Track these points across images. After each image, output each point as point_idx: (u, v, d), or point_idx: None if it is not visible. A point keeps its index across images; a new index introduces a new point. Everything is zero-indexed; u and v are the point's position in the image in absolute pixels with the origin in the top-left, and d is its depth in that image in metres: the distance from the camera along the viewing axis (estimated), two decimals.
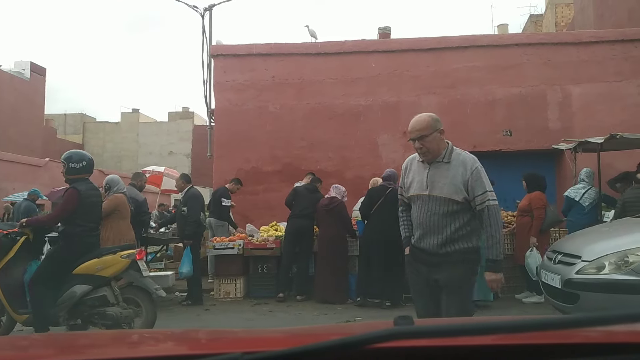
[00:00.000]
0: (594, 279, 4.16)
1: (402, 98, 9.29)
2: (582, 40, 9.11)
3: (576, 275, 4.27)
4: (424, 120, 2.99)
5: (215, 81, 9.63)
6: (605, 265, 4.12)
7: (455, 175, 2.84)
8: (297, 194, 6.96)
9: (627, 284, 3.99)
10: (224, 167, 9.33)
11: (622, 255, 4.09)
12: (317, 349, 0.75)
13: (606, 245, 4.31)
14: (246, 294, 6.98)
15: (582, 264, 4.27)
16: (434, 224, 2.84)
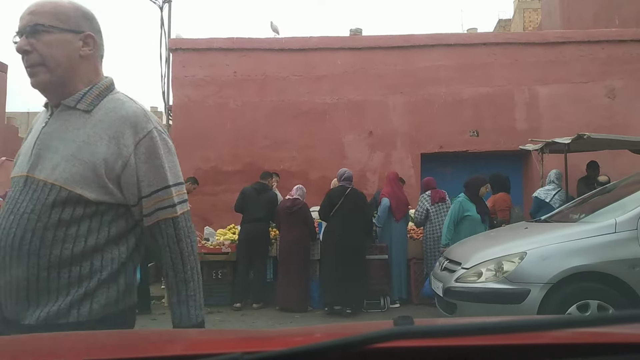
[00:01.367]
0: (470, 287, 3.93)
1: (369, 97, 9.02)
2: (549, 40, 9.01)
3: (455, 284, 4.05)
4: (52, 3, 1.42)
5: (173, 76, 9.17)
6: (483, 273, 3.89)
7: (96, 142, 1.38)
8: (245, 197, 6.57)
9: (501, 293, 3.78)
10: (182, 166, 8.27)
11: (498, 262, 3.87)
12: (317, 349, 0.75)
13: (487, 252, 4.07)
14: None
15: (462, 271, 4.05)
16: (16, 246, 1.34)
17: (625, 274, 3.65)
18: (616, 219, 3.83)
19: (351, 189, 5.98)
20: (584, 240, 3.83)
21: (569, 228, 4.18)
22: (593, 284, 3.74)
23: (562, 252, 3.81)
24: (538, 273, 3.74)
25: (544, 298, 3.64)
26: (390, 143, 9.00)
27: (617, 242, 3.75)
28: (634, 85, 8.69)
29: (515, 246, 3.99)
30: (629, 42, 8.78)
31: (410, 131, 8.98)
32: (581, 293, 3.69)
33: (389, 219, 6.38)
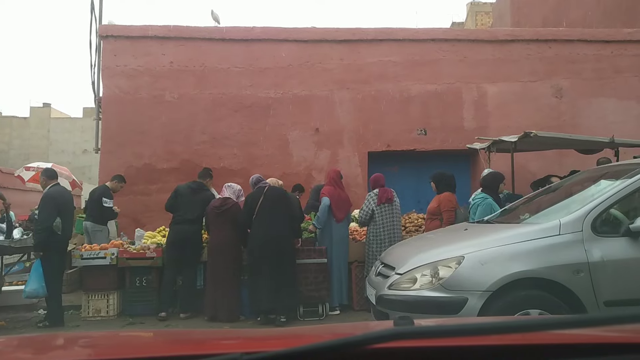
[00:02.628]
0: (403, 295, 3.54)
1: (314, 92, 8.61)
2: (498, 38, 8.86)
3: (387, 291, 3.65)
4: None
5: (103, 66, 8.47)
6: (417, 279, 3.51)
7: None
8: (179, 196, 6.01)
9: (435, 302, 3.39)
10: (112, 163, 8.19)
11: (434, 267, 3.49)
12: (318, 349, 0.75)
13: (423, 256, 3.69)
14: (121, 311, 5.94)
15: (395, 277, 3.66)
16: None
17: (570, 281, 3.34)
18: (560, 220, 3.53)
19: (269, 188, 5.54)
20: (526, 243, 3.50)
21: (511, 230, 3.87)
22: (536, 291, 3.40)
23: (503, 256, 3.46)
24: (476, 280, 3.38)
25: (482, 307, 3.27)
26: (337, 141, 8.62)
27: (561, 245, 3.44)
28: (580, 84, 8.65)
29: (453, 250, 3.63)
30: (576, 42, 8.74)
31: (358, 128, 8.62)
32: (523, 301, 3.34)
33: (329, 219, 5.96)
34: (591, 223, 3.45)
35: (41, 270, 5.23)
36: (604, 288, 3.34)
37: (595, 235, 3.43)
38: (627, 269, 3.41)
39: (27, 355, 1.12)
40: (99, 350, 1.16)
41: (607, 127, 7.39)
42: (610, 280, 3.37)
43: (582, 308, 3.29)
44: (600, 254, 3.37)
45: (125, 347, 1.18)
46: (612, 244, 3.45)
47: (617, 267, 3.40)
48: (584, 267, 3.35)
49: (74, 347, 1.22)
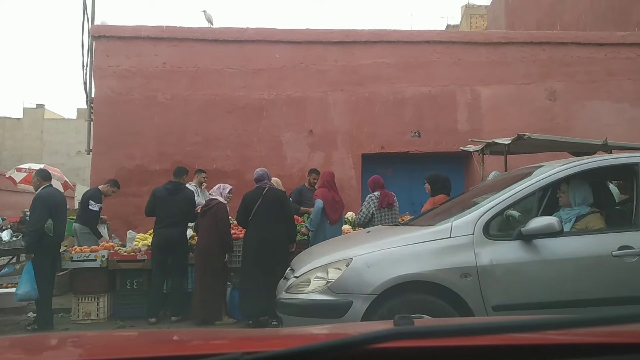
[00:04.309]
0: (294, 299, 3.47)
1: (308, 93, 8.57)
2: (492, 40, 8.86)
3: (284, 294, 3.59)
4: None
5: (96, 66, 8.41)
6: (311, 282, 3.44)
7: None
8: (156, 199, 5.94)
9: (321, 306, 3.31)
10: (104, 165, 8.13)
11: (325, 270, 3.43)
12: (317, 349, 0.75)
13: (321, 258, 3.62)
14: (111, 314, 5.87)
15: (292, 279, 3.60)
16: None
17: (457, 284, 3.25)
18: (452, 223, 3.46)
19: (268, 190, 5.47)
20: (415, 246, 3.42)
21: (407, 232, 3.79)
22: (422, 295, 3.32)
23: (391, 258, 3.37)
24: (361, 283, 3.29)
25: (366, 311, 3.18)
26: (331, 142, 8.59)
27: (451, 247, 3.36)
28: (574, 87, 8.65)
29: (347, 252, 3.55)
30: (570, 45, 8.75)
31: (351, 130, 8.59)
32: (408, 305, 3.23)
33: (322, 221, 5.92)
34: (483, 226, 3.39)
35: (33, 273, 5.16)
36: (492, 292, 3.27)
37: (486, 238, 3.37)
38: (517, 273, 3.35)
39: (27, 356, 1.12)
40: (99, 350, 1.16)
41: (600, 130, 7.38)
42: (499, 284, 3.30)
43: (470, 312, 3.21)
44: (490, 257, 3.31)
45: (125, 347, 1.18)
46: (503, 247, 3.39)
47: (507, 271, 3.34)
48: (472, 271, 3.28)
49: (73, 347, 1.21)
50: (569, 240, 3.58)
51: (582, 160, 3.90)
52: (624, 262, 3.38)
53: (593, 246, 3.50)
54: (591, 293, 3.33)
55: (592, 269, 3.42)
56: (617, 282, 3.40)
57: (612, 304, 3.28)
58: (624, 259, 3.38)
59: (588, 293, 3.33)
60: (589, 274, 3.41)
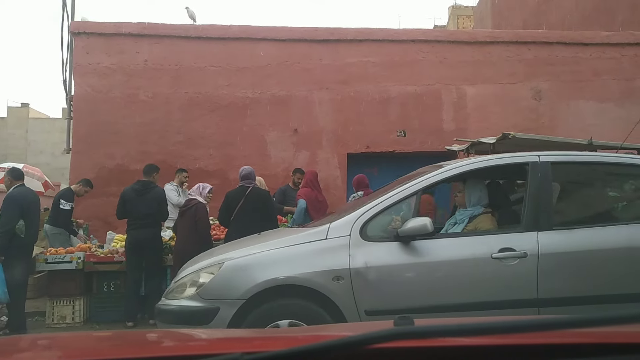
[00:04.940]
0: (167, 305, 3.33)
1: (293, 92, 8.46)
2: (478, 39, 8.82)
3: (163, 300, 3.44)
4: None
5: (75, 63, 8.22)
6: (187, 287, 3.29)
7: None
8: (126, 201, 5.80)
9: (188, 312, 3.17)
10: (83, 164, 7.95)
11: (198, 274, 3.29)
12: (318, 349, 0.75)
13: (201, 262, 3.47)
14: (88, 318, 5.72)
15: (172, 284, 3.48)
16: None
17: (328, 288, 3.14)
18: (330, 224, 3.35)
19: (252, 189, 5.35)
20: (291, 248, 3.30)
21: (288, 234, 3.70)
22: (295, 300, 3.20)
23: (265, 261, 3.24)
24: (229, 287, 3.16)
25: (233, 318, 3.06)
26: (316, 142, 8.48)
27: (325, 250, 3.24)
28: (559, 87, 8.64)
29: (224, 255, 3.43)
30: (555, 45, 8.74)
31: (337, 130, 8.50)
32: (279, 311, 3.13)
33: (305, 221, 5.80)
34: (360, 227, 3.27)
35: (3, 276, 4.98)
36: (365, 296, 3.16)
37: (363, 240, 3.25)
38: (392, 276, 3.24)
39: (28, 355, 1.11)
40: (98, 350, 1.15)
41: (585, 130, 7.36)
42: (373, 287, 3.19)
43: (342, 318, 3.09)
44: (365, 259, 3.19)
45: (125, 347, 1.18)
46: (380, 249, 3.29)
47: (382, 273, 3.22)
48: (345, 274, 3.15)
49: (73, 347, 1.20)
50: (450, 242, 3.50)
51: (472, 160, 3.80)
52: (503, 264, 3.25)
53: (473, 248, 3.39)
54: (469, 297, 3.22)
55: (470, 272, 3.31)
56: (497, 285, 3.28)
57: (492, 308, 3.15)
58: (503, 262, 3.26)
59: (466, 297, 3.22)
60: (467, 277, 3.30)
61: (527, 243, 3.31)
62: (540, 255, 3.28)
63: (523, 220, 3.46)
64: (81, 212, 7.54)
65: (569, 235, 3.46)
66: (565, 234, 3.46)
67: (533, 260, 3.27)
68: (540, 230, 3.36)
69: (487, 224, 3.71)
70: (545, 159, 3.58)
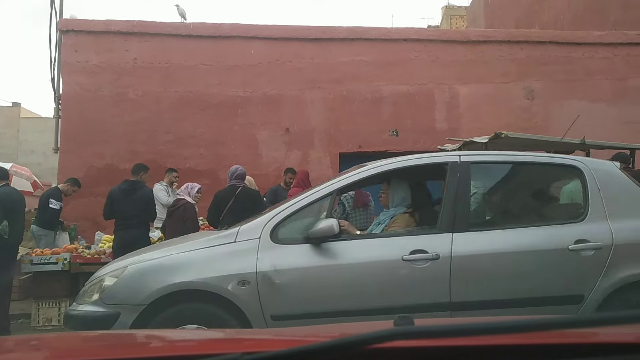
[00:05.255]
0: (74, 310, 3.22)
1: (285, 91, 8.39)
2: (470, 39, 8.79)
3: (73, 305, 3.34)
4: None
5: (63, 61, 8.12)
6: (94, 291, 3.19)
7: None
8: (113, 201, 5.71)
9: (90, 318, 3.06)
10: (72, 163, 7.84)
11: (103, 278, 3.19)
12: (318, 349, 0.75)
13: (112, 265, 3.39)
14: None
15: (83, 288, 3.37)
16: None
17: (233, 292, 3.05)
18: (240, 227, 3.28)
19: (242, 189, 5.28)
20: (199, 252, 3.20)
21: (202, 237, 3.62)
22: (200, 304, 3.10)
23: (169, 266, 3.14)
24: (131, 292, 3.06)
25: (134, 323, 2.96)
26: (308, 141, 8.41)
27: (233, 253, 3.17)
28: (552, 86, 8.62)
29: (131, 258, 3.34)
30: (547, 44, 8.72)
31: (329, 129, 8.44)
32: (183, 316, 3.03)
33: None
34: (271, 230, 3.19)
35: None
36: (271, 300, 3.08)
37: (273, 242, 3.17)
38: (302, 279, 3.16)
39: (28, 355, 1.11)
40: (99, 350, 1.15)
41: (578, 129, 7.32)
42: (280, 291, 3.11)
43: (247, 323, 3.02)
44: (273, 262, 3.11)
45: (125, 347, 1.18)
46: (290, 252, 3.19)
47: (290, 277, 3.14)
48: (252, 277, 3.06)
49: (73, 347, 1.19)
50: (362, 244, 3.41)
51: (392, 160, 3.68)
52: (414, 267, 3.16)
53: (385, 250, 3.29)
54: (380, 301, 3.12)
55: (381, 275, 3.21)
56: (408, 288, 3.19)
57: (403, 312, 3.04)
58: (414, 264, 3.16)
59: (376, 301, 3.12)
60: (378, 280, 3.20)
61: (441, 245, 3.20)
62: (453, 257, 3.17)
63: (439, 221, 3.37)
64: (69, 212, 7.43)
65: (486, 236, 3.38)
66: (481, 236, 3.38)
67: (445, 263, 3.16)
68: (456, 232, 3.26)
69: (404, 225, 3.61)
70: (465, 159, 3.51)
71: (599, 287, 3.23)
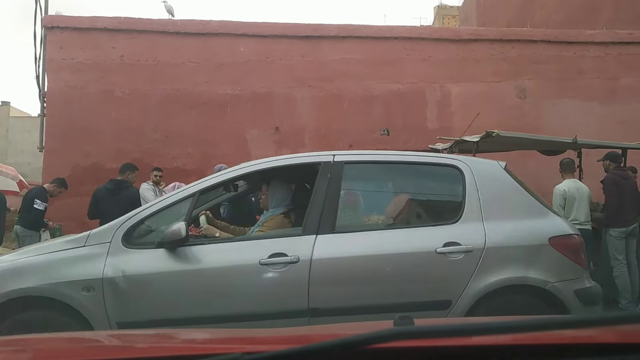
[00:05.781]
0: None
1: (274, 89, 8.28)
2: (462, 37, 8.72)
3: None
4: None
5: (48, 58, 7.95)
6: None
7: None
8: (98, 201, 5.59)
9: None
10: (57, 162, 7.69)
11: None
12: (318, 349, 0.75)
13: None
14: None
15: None
16: None
17: (76, 299, 2.89)
18: (91, 231, 3.15)
19: None
20: (47, 256, 3.06)
21: (53, 241, 3.49)
22: (44, 312, 2.94)
23: (14, 270, 3.01)
24: None
25: None
26: (298, 140, 8.30)
27: (82, 258, 3.01)
28: (543, 85, 8.57)
29: None
30: (539, 43, 8.67)
31: (319, 128, 8.33)
32: (29, 324, 2.85)
33: None
34: (124, 234, 3.06)
35: None
36: (117, 307, 2.94)
37: (125, 247, 3.04)
38: (154, 285, 3.01)
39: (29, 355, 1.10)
40: (99, 350, 1.15)
41: (570, 128, 7.30)
42: (129, 298, 2.98)
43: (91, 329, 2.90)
44: (123, 268, 2.98)
45: (125, 347, 1.18)
46: (142, 257, 3.06)
47: (142, 283, 3.01)
48: (97, 284, 2.92)
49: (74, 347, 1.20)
50: (222, 247, 3.25)
51: (262, 161, 3.53)
52: (272, 271, 3.01)
53: (244, 253, 3.13)
54: (237, 307, 2.98)
55: (238, 280, 3.05)
56: (265, 294, 3.04)
57: (261, 319, 2.90)
58: (271, 268, 3.01)
59: (232, 307, 2.98)
60: (234, 285, 3.04)
61: (302, 247, 3.05)
62: (313, 261, 3.01)
63: (305, 222, 3.20)
64: (55, 212, 7.28)
65: (352, 239, 3.23)
66: (348, 238, 3.22)
67: (305, 266, 2.99)
68: (320, 234, 3.11)
69: (276, 227, 3.49)
70: (339, 159, 3.36)
71: (467, 293, 3.05)
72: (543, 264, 3.18)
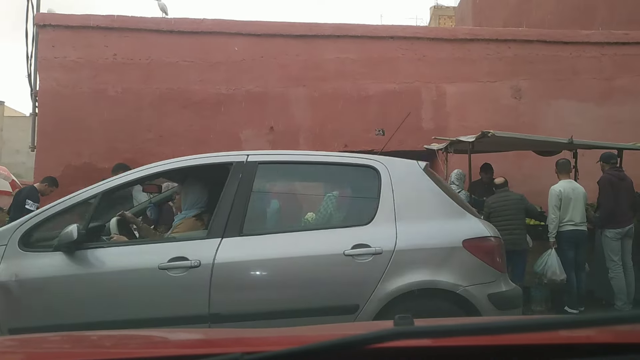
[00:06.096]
0: None
1: (269, 89, 8.21)
2: (458, 37, 8.68)
3: None
4: None
5: (40, 57, 7.86)
6: None
7: None
8: None
9: None
10: (49, 162, 7.60)
11: None
12: (318, 349, 0.75)
13: None
14: None
15: None
16: None
17: None
18: None
19: None
20: None
21: None
22: None
23: None
24: None
25: None
26: (293, 140, 8.23)
27: None
28: (539, 86, 8.54)
29: None
30: (535, 43, 8.63)
31: (314, 128, 8.28)
32: None
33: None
34: (21, 236, 2.98)
35: None
36: (11, 312, 2.88)
37: (22, 250, 2.97)
38: (48, 289, 2.95)
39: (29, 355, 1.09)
40: (99, 350, 1.14)
41: (565, 129, 7.27)
42: (22, 303, 2.91)
43: None
44: (16, 271, 2.90)
45: (126, 347, 1.18)
46: (41, 260, 2.98)
47: (36, 287, 2.93)
48: None
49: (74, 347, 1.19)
50: (123, 250, 3.18)
51: (171, 160, 3.49)
52: (171, 275, 2.93)
53: (143, 257, 3.08)
54: (134, 312, 2.90)
55: (135, 284, 2.98)
56: (164, 299, 2.96)
57: (160, 325, 2.84)
58: (171, 272, 2.94)
59: (129, 312, 2.90)
60: (131, 290, 2.98)
61: (205, 251, 2.98)
62: (215, 265, 2.93)
63: (211, 225, 3.14)
64: None
65: (260, 242, 3.16)
66: (255, 241, 3.14)
67: (206, 271, 2.93)
68: (227, 237, 3.04)
69: (186, 230, 3.42)
70: (253, 159, 3.31)
71: (375, 296, 2.97)
72: (455, 267, 3.09)
